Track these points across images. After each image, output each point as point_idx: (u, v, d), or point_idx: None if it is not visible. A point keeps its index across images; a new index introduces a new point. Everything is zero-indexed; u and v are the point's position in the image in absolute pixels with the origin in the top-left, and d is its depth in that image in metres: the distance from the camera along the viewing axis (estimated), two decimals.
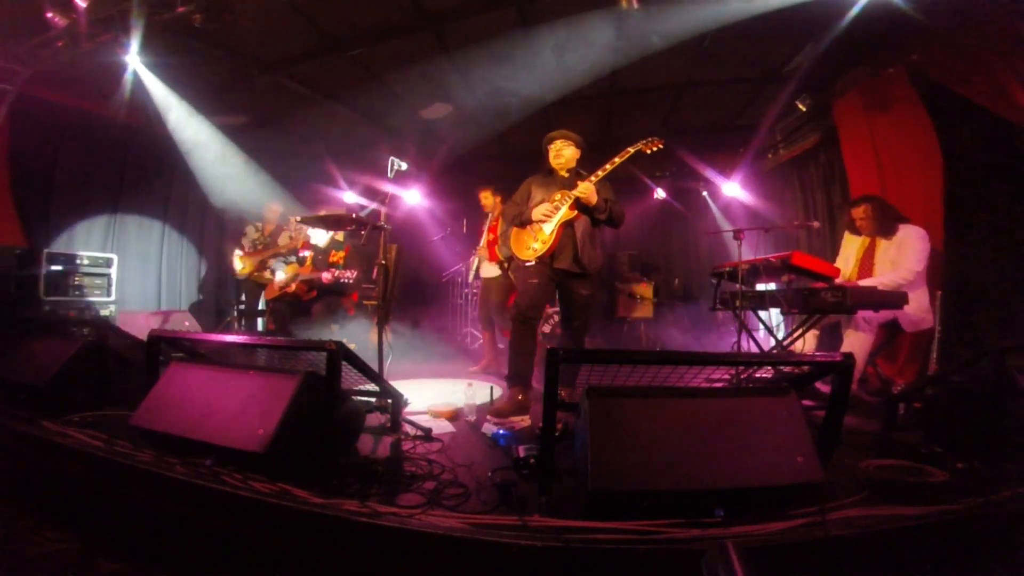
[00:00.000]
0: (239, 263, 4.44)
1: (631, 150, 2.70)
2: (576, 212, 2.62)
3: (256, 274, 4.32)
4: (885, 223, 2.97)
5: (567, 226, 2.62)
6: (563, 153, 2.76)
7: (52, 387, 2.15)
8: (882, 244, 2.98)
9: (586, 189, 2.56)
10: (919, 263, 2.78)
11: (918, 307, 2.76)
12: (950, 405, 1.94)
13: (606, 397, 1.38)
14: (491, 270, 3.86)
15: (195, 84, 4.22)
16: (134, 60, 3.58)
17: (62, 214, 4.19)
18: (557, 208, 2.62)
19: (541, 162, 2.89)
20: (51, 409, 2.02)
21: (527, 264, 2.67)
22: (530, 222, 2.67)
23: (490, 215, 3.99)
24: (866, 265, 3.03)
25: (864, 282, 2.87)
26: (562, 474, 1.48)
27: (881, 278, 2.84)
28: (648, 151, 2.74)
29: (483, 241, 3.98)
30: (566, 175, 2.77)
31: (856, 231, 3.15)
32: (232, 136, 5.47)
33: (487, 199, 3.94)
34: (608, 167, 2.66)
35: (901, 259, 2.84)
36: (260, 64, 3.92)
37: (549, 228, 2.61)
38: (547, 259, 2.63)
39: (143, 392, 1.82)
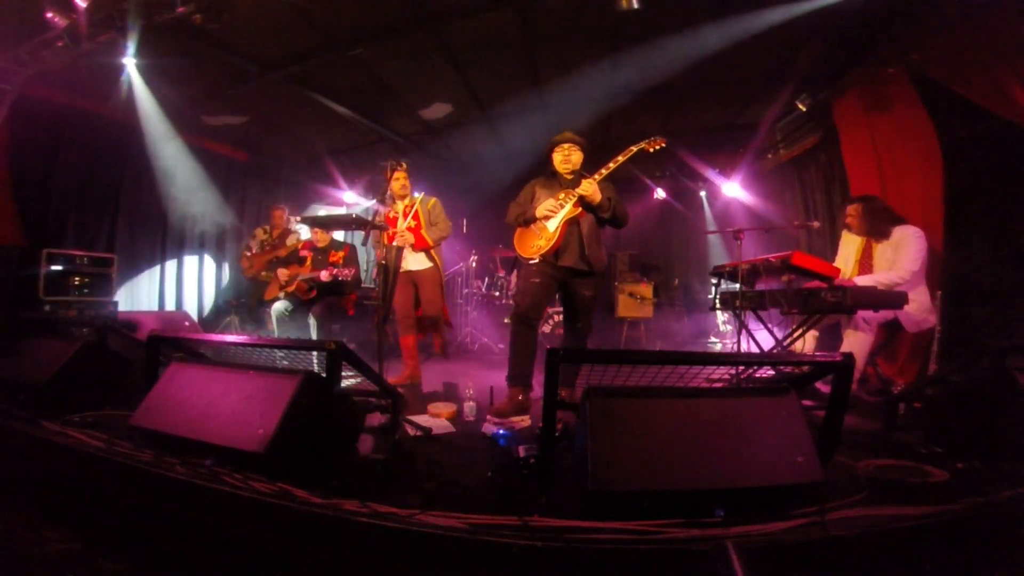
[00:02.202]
0: (246, 263, 4.51)
1: (634, 149, 2.67)
2: (580, 209, 2.62)
3: (264, 274, 4.38)
4: (876, 224, 2.97)
5: (572, 223, 2.62)
6: (571, 158, 2.74)
7: (52, 387, 2.16)
8: (879, 246, 2.99)
9: (589, 187, 2.55)
10: (915, 262, 2.79)
11: (919, 307, 2.76)
12: (950, 405, 1.94)
13: (606, 397, 1.38)
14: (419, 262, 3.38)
15: (195, 84, 4.22)
16: (133, 60, 3.58)
17: (62, 214, 4.18)
18: (561, 205, 2.61)
19: (545, 164, 2.87)
20: (51, 409, 2.02)
21: (530, 262, 2.67)
22: (534, 220, 2.67)
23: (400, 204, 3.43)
24: (865, 265, 3.04)
25: (861, 280, 2.87)
26: (562, 474, 1.48)
27: (878, 276, 2.85)
28: (651, 150, 2.71)
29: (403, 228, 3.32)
30: (570, 177, 2.75)
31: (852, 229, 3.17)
32: (231, 137, 5.49)
33: (396, 177, 3.32)
34: (611, 165, 2.65)
35: (898, 259, 2.85)
36: (260, 64, 3.92)
37: (553, 225, 2.61)
38: (551, 257, 2.62)
39: (143, 392, 1.82)
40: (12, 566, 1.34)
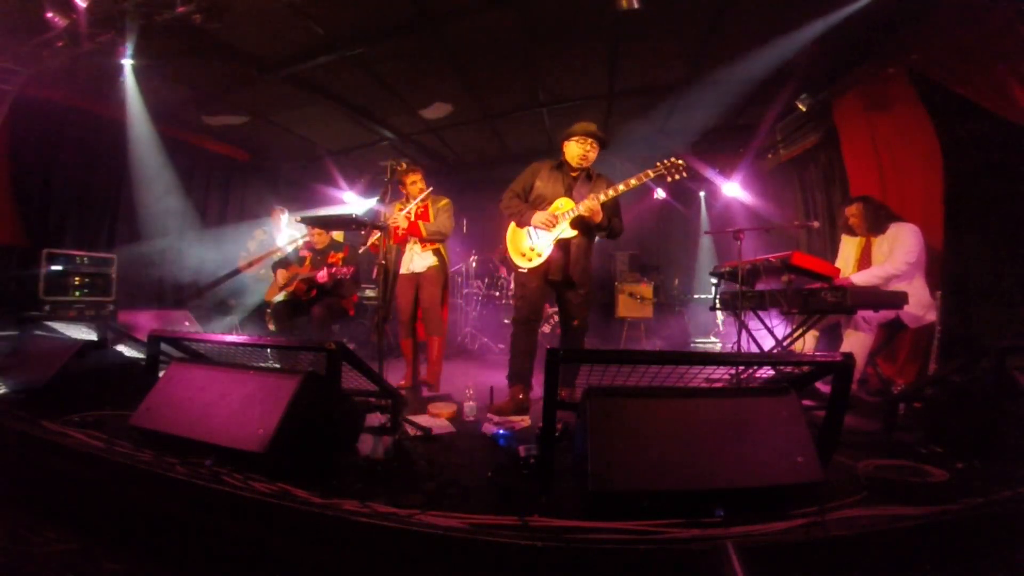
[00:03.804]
0: (245, 263, 4.52)
1: (651, 173, 2.51)
2: (576, 232, 2.59)
3: (263, 272, 4.39)
4: (876, 221, 3.01)
5: (563, 242, 2.61)
6: (589, 156, 2.64)
7: (52, 387, 2.16)
8: (876, 241, 3.03)
9: (591, 208, 2.48)
10: (910, 255, 2.81)
11: (918, 302, 2.76)
12: (950, 405, 1.94)
13: (606, 397, 1.38)
14: (423, 262, 3.24)
15: (195, 84, 4.23)
16: (134, 60, 3.58)
17: (62, 214, 4.19)
18: (557, 221, 2.59)
19: (555, 151, 2.82)
20: (51, 409, 2.02)
21: (521, 270, 2.68)
22: (528, 224, 2.66)
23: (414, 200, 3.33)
24: (864, 264, 3.06)
25: (858, 276, 2.89)
26: (562, 474, 1.48)
27: (874, 270, 2.88)
28: (670, 179, 2.52)
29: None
30: (576, 173, 2.70)
31: (852, 232, 3.19)
32: (231, 137, 5.48)
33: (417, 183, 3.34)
34: (622, 188, 2.53)
35: (893, 253, 2.89)
36: (260, 64, 3.92)
37: (547, 241, 2.60)
38: (540, 269, 2.64)
39: (143, 392, 1.82)
40: (12, 566, 1.34)
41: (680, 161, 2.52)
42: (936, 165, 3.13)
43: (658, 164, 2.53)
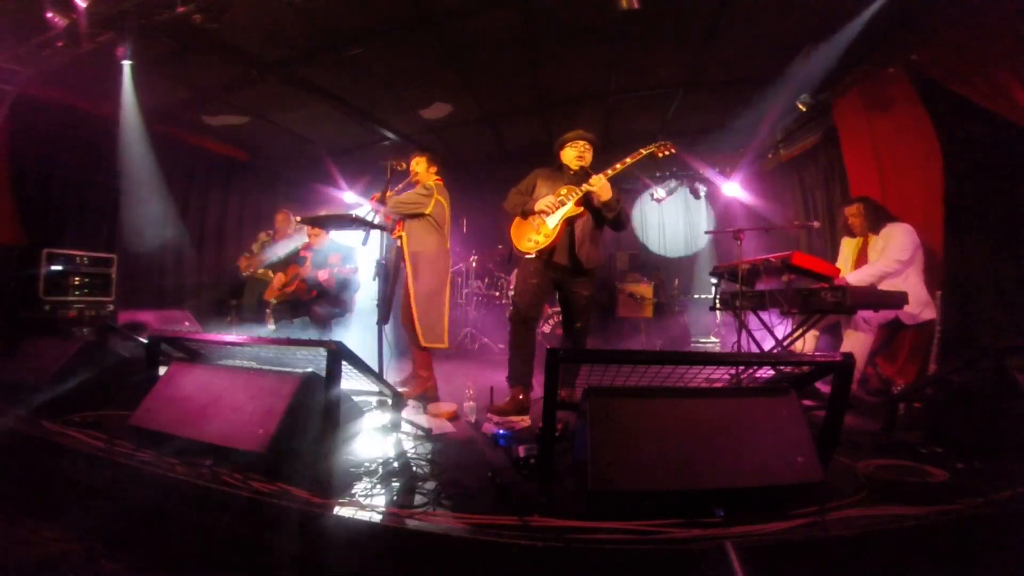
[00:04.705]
0: (244, 263, 4.53)
1: (643, 152, 2.63)
2: (581, 209, 2.60)
3: (261, 271, 4.39)
4: (875, 221, 3.05)
5: (569, 222, 2.61)
6: (585, 157, 2.71)
7: (52, 387, 2.16)
8: (872, 240, 3.06)
9: (599, 182, 2.50)
10: (903, 253, 2.85)
11: (914, 298, 2.76)
12: (950, 405, 1.94)
13: (606, 397, 1.39)
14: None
15: (195, 84, 4.22)
16: (134, 60, 3.57)
17: (62, 214, 4.18)
18: (562, 203, 2.60)
19: (552, 158, 2.86)
20: (51, 409, 2.02)
21: (527, 257, 2.67)
22: (532, 213, 2.66)
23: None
24: (861, 263, 3.08)
25: (850, 275, 2.91)
26: (562, 474, 1.48)
27: (865, 268, 2.91)
28: (660, 155, 2.68)
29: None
30: (574, 172, 2.73)
31: (851, 233, 3.22)
32: (231, 137, 5.48)
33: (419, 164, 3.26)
34: (618, 167, 2.60)
35: (885, 251, 2.92)
36: (260, 64, 3.91)
37: (553, 222, 2.59)
38: (545, 254, 2.62)
39: (143, 392, 1.82)
40: (12, 567, 1.34)
41: (668, 142, 2.68)
42: (936, 165, 3.13)
43: (650, 146, 2.68)
